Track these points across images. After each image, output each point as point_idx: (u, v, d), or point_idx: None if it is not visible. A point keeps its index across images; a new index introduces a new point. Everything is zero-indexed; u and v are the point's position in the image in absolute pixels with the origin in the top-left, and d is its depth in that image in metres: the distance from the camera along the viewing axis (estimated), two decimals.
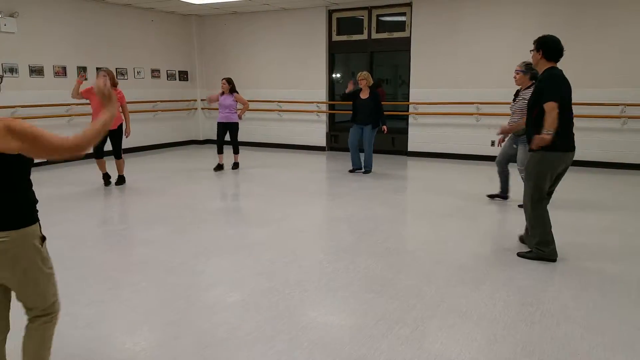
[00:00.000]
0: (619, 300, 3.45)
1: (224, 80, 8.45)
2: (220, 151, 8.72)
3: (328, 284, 3.76)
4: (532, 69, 5.29)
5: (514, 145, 5.87)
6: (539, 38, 4.12)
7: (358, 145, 8.27)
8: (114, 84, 6.99)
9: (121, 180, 7.55)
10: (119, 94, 6.95)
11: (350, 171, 8.39)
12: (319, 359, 2.72)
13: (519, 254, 4.34)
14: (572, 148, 4.12)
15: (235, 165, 8.89)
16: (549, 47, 4.07)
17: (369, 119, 7.99)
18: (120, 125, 7.30)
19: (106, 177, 7.49)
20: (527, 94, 5.27)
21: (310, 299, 3.51)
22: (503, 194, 6.34)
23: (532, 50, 4.14)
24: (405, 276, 3.92)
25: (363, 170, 8.35)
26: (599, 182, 7.69)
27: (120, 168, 7.55)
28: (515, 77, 5.68)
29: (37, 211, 2.09)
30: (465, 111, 9.63)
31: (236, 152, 8.81)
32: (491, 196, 6.40)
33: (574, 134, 4.13)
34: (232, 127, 8.61)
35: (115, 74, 10.37)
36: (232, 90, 8.47)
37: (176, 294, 3.59)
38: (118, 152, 7.41)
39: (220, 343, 2.88)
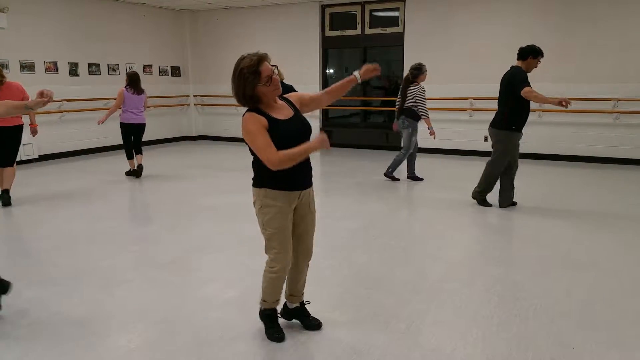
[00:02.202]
0: (613, 295, 3.47)
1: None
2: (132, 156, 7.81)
3: (323, 279, 3.75)
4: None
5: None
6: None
7: None
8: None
9: (6, 198, 5.90)
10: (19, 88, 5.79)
11: None
12: (315, 355, 2.72)
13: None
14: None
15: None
16: None
17: None
18: (21, 127, 5.90)
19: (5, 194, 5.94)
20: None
21: (305, 295, 3.49)
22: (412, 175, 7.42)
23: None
24: (401, 272, 3.92)
25: None
26: (595, 178, 7.73)
27: (9, 180, 5.92)
28: None
29: (266, 180, 2.60)
30: (458, 107, 9.64)
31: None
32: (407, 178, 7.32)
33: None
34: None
35: (107, 69, 10.39)
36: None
37: (170, 291, 3.58)
38: (13, 159, 5.95)
39: (215, 340, 2.87)
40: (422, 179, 7.33)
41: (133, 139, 7.73)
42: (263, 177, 2.61)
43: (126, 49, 10.76)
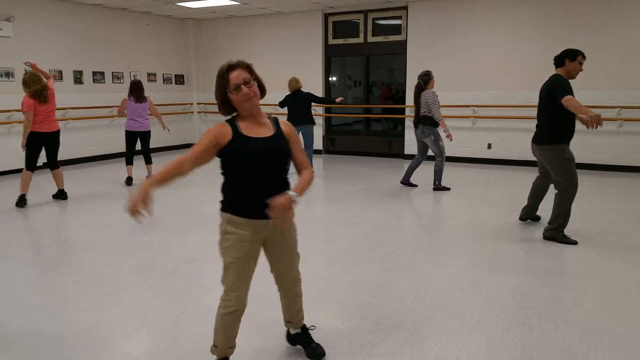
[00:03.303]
0: (618, 303, 3.45)
1: None
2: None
3: (325, 287, 3.75)
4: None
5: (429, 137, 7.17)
6: None
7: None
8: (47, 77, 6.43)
9: (62, 194, 6.68)
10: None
11: None
12: None
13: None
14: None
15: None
16: None
17: None
18: (59, 131, 6.48)
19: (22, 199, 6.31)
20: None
21: (308, 303, 3.47)
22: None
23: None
24: (403, 279, 3.91)
25: None
26: (599, 185, 7.71)
27: (61, 179, 6.64)
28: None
29: (228, 204, 2.44)
30: (461, 114, 9.65)
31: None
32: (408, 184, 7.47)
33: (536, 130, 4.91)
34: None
35: (111, 77, 10.45)
36: None
37: (174, 299, 3.58)
38: (57, 161, 6.59)
39: None
40: (417, 186, 7.42)
41: (141, 147, 7.87)
42: (227, 200, 2.45)
43: (130, 57, 10.83)
